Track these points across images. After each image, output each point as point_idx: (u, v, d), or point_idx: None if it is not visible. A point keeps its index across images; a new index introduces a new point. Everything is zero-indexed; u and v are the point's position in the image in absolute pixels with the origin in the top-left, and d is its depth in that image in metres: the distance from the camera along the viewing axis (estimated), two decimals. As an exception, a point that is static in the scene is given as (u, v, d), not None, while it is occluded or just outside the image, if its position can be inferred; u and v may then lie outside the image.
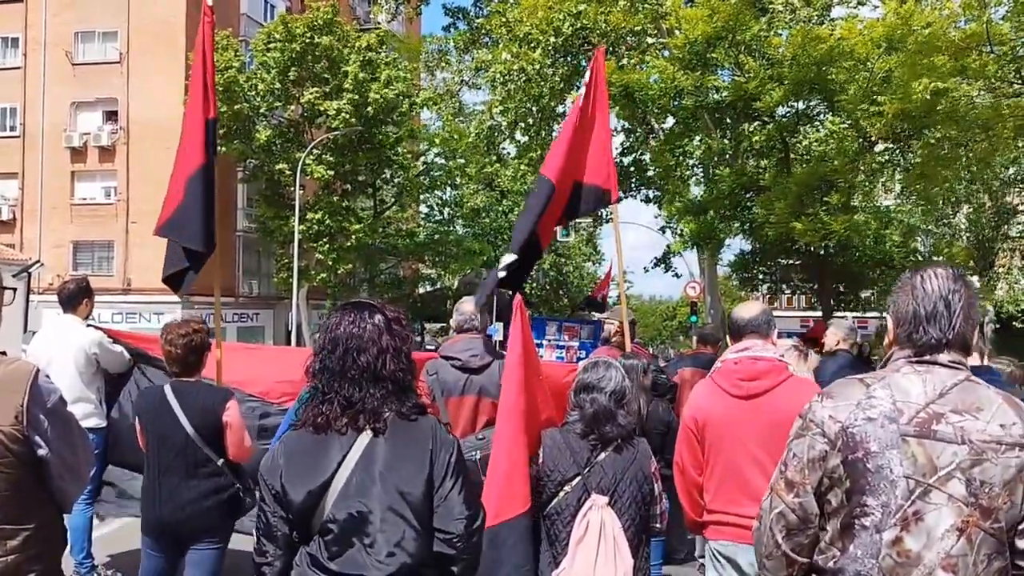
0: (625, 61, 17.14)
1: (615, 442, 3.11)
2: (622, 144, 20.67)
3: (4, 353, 2.34)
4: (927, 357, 1.90)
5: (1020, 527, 1.78)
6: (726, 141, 16.87)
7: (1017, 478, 1.76)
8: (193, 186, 4.48)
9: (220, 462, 3.68)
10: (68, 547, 2.69)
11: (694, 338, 12.12)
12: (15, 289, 2.61)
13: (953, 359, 1.90)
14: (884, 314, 2.14)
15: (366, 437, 2.14)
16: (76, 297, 5.28)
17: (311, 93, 27.29)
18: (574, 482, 3.08)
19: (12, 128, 30.48)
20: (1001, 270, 25.34)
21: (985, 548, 1.75)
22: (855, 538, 1.82)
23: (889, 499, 1.78)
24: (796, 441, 1.95)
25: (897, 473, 1.79)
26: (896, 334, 1.99)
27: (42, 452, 2.29)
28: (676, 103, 16.03)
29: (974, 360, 3.29)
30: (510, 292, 4.60)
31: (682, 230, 17.46)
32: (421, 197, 34.39)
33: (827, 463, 1.87)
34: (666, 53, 16.86)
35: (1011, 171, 20.19)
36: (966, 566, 1.74)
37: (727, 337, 3.52)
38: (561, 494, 3.09)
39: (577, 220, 22.46)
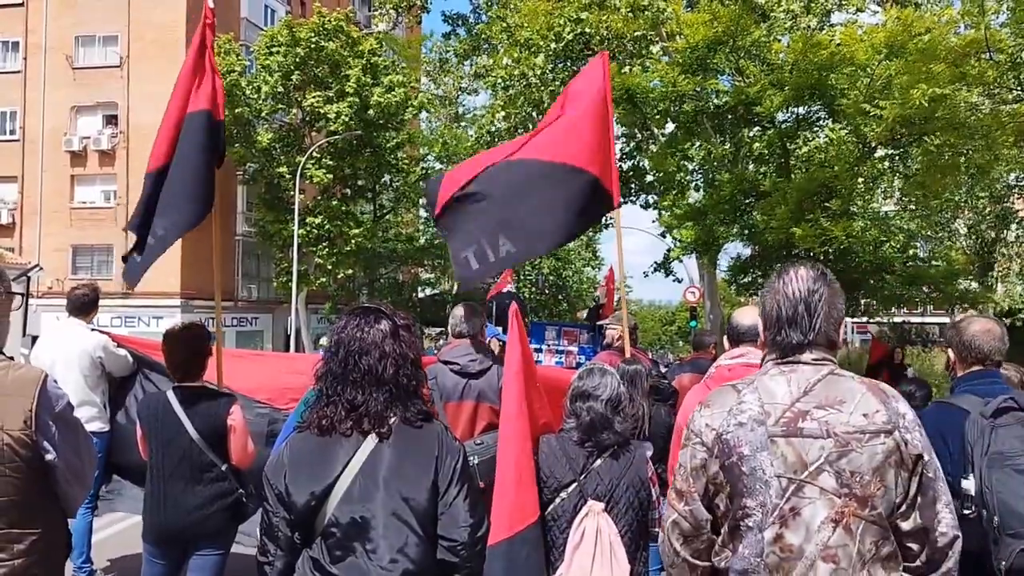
0: (627, 69, 17.16)
1: (611, 448, 3.10)
2: (621, 149, 20.68)
3: (12, 359, 2.36)
4: (791, 357, 1.96)
5: (900, 510, 1.83)
6: (726, 146, 16.87)
7: (885, 463, 1.81)
8: (148, 182, 4.39)
9: (224, 467, 3.68)
10: (70, 551, 2.71)
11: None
12: (23, 294, 2.64)
13: (817, 357, 1.94)
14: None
15: (371, 442, 2.14)
16: (90, 305, 5.32)
17: (313, 97, 27.31)
18: (570, 488, 3.06)
19: (12, 132, 30.48)
20: (999, 273, 25.32)
21: (869, 536, 1.80)
22: (743, 539, 1.87)
23: (765, 499, 1.84)
24: (681, 451, 2.01)
25: (769, 473, 1.84)
26: (765, 336, 2.05)
27: (50, 457, 2.31)
28: (677, 108, 16.03)
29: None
30: (509, 297, 4.48)
31: (679, 236, 17.43)
32: (420, 201, 34.35)
33: (708, 470, 1.93)
34: (666, 59, 16.88)
35: (1012, 176, 20.15)
36: (848, 555, 1.78)
37: (724, 340, 3.50)
38: (557, 500, 3.07)
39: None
